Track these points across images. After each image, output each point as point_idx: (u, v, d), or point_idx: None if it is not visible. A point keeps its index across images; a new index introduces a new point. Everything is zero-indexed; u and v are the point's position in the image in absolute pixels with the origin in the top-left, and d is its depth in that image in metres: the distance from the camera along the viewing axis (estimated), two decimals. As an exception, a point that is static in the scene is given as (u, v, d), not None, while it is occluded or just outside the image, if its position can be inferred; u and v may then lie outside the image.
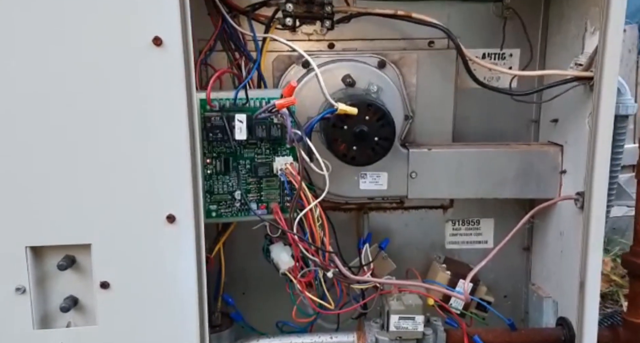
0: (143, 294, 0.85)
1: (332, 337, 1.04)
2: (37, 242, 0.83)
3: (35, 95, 0.79)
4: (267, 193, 0.97)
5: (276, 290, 1.12)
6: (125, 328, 0.86)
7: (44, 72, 0.78)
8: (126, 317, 0.86)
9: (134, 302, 0.86)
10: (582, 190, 0.95)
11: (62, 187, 0.82)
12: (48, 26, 0.77)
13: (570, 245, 1.01)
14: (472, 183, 1.06)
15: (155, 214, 0.83)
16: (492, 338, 1.03)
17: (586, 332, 0.95)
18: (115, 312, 0.85)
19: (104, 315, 0.85)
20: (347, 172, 1.04)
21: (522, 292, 1.22)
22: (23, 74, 0.78)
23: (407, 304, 0.99)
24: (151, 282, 0.85)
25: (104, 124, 0.81)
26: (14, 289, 0.82)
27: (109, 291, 0.85)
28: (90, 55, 0.78)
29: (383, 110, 0.91)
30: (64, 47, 0.78)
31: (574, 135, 1.01)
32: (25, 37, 0.77)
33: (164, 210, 0.84)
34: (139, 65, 0.79)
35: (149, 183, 0.83)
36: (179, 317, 0.86)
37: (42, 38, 0.77)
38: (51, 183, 0.81)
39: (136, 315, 0.86)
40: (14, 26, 0.77)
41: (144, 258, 0.85)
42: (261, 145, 0.95)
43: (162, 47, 0.78)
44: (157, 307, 0.86)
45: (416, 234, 1.21)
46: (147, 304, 0.86)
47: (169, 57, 0.79)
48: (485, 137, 1.13)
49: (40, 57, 0.78)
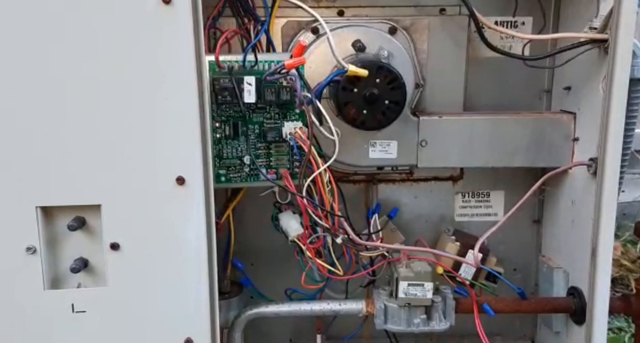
0: (153, 256, 0.86)
1: (340, 304, 1.04)
2: (47, 202, 0.83)
3: (46, 58, 0.79)
4: (276, 159, 0.97)
5: (285, 261, 1.13)
6: (135, 290, 0.86)
7: (54, 35, 0.78)
8: (136, 278, 0.86)
9: (144, 264, 0.86)
10: (595, 156, 0.94)
11: (72, 147, 0.82)
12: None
13: (582, 214, 1.00)
14: (483, 152, 1.04)
15: (164, 176, 0.83)
16: (502, 307, 1.02)
17: (597, 300, 0.93)
18: (125, 273, 0.86)
19: (114, 276, 0.86)
20: (357, 140, 1.03)
21: (532, 265, 1.21)
22: (34, 36, 0.78)
23: (416, 271, 0.98)
24: (161, 245, 0.85)
25: (114, 85, 0.80)
26: (25, 249, 0.83)
27: (119, 252, 0.85)
28: (100, 13, 0.78)
29: (394, 73, 0.90)
30: (72, 9, 0.77)
31: (587, 102, 0.99)
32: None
33: (174, 172, 0.83)
34: (148, 24, 0.78)
35: (158, 145, 0.83)
36: (188, 280, 0.86)
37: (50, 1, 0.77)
38: (61, 144, 0.81)
39: (146, 277, 0.86)
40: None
41: (154, 220, 0.85)
42: (270, 110, 0.94)
43: (171, 5, 0.78)
44: (166, 269, 0.86)
45: (425, 206, 1.20)
46: (157, 266, 0.86)
47: (178, 16, 0.78)
48: (496, 107, 1.12)
49: (50, 21, 0.78)
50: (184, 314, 0.87)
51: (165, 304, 0.87)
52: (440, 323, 1.01)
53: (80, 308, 0.86)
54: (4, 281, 0.84)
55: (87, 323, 0.86)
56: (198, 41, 0.80)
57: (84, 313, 0.86)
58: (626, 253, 2.35)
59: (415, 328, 1.00)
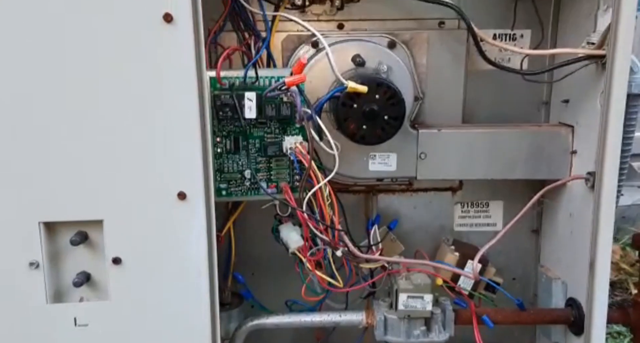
0: (155, 270, 0.86)
1: (340, 316, 1.04)
2: (50, 218, 0.84)
3: (50, 75, 0.80)
4: (276, 173, 0.98)
5: (285, 271, 1.13)
6: (137, 304, 0.87)
7: (57, 53, 0.79)
8: (138, 292, 0.87)
9: (146, 278, 0.86)
10: (593, 170, 0.94)
11: (74, 164, 0.83)
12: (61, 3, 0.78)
13: (580, 226, 1.01)
14: (482, 164, 1.05)
15: (166, 191, 0.84)
16: (501, 318, 1.03)
17: (596, 312, 0.94)
18: (127, 287, 0.87)
19: (116, 290, 0.87)
20: (357, 153, 1.04)
21: (531, 274, 1.22)
22: (36, 46, 0.79)
23: (416, 283, 0.99)
24: (163, 259, 0.86)
25: (116, 101, 0.81)
26: (28, 264, 0.84)
27: (121, 267, 0.86)
28: (102, 31, 0.79)
29: (393, 89, 0.91)
30: (76, 25, 0.78)
31: (585, 115, 1.00)
32: (41, 12, 0.78)
33: (175, 187, 0.84)
34: (150, 42, 0.79)
35: (159, 160, 0.83)
36: (190, 293, 0.87)
37: (56, 16, 0.78)
38: (64, 160, 0.82)
39: (148, 291, 0.87)
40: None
41: (156, 235, 0.85)
42: (271, 125, 0.95)
43: (173, 24, 0.78)
44: (168, 283, 0.87)
45: (425, 217, 1.21)
46: (159, 280, 0.87)
47: (180, 34, 0.79)
48: (495, 120, 1.13)
49: (51, 41, 0.79)
50: (186, 327, 0.88)
51: (167, 317, 0.88)
52: (440, 335, 1.01)
53: (82, 322, 0.86)
54: (7, 295, 0.85)
55: (90, 336, 0.87)
56: (199, 58, 0.81)
57: (87, 327, 0.86)
58: (625, 256, 2.36)
59: (415, 340, 1.01)
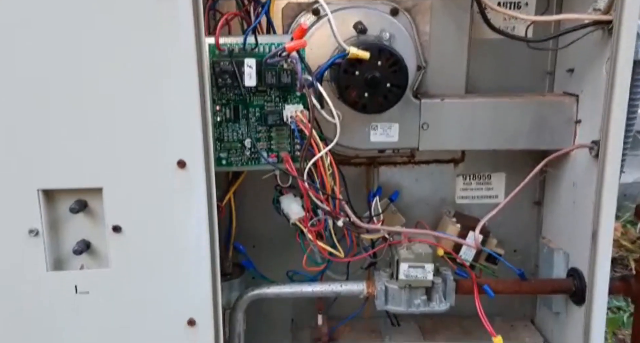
0: (155, 239, 0.86)
1: (342, 285, 1.05)
2: (49, 186, 0.84)
3: (47, 40, 0.78)
4: (277, 143, 0.97)
5: (286, 244, 1.13)
6: (137, 271, 0.87)
7: (55, 17, 0.78)
8: (138, 260, 0.87)
9: (146, 246, 0.86)
10: (597, 139, 0.93)
11: (73, 131, 0.82)
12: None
13: (583, 196, 1.00)
14: (485, 134, 1.04)
15: (165, 159, 0.84)
16: (502, 288, 1.03)
17: (597, 282, 0.94)
18: (127, 255, 0.86)
19: (117, 258, 0.87)
20: (358, 124, 1.03)
21: (532, 247, 1.21)
22: (34, 14, 0.77)
23: (417, 253, 0.99)
24: (163, 227, 0.86)
25: (115, 68, 0.80)
26: (28, 231, 0.83)
27: (121, 235, 0.86)
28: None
29: (396, 56, 0.89)
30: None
31: (590, 83, 0.98)
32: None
33: (175, 156, 0.83)
34: (149, 8, 0.78)
35: (159, 128, 0.83)
36: (191, 262, 0.87)
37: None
38: (62, 127, 0.81)
39: (148, 259, 0.87)
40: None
41: (156, 203, 0.85)
42: (271, 93, 0.94)
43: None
44: (169, 251, 0.87)
45: (426, 189, 1.20)
46: (159, 248, 0.86)
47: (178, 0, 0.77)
48: (499, 90, 1.11)
49: (52, 3, 0.77)
50: (187, 295, 0.88)
51: (168, 285, 0.88)
52: (441, 304, 1.02)
53: (83, 289, 0.87)
54: (7, 263, 0.85)
55: (90, 304, 0.87)
56: (198, 24, 0.79)
57: (87, 295, 0.87)
58: (626, 233, 2.37)
59: (416, 309, 1.01)
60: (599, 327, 0.97)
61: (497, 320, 1.21)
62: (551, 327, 1.16)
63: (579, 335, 1.01)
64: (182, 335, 0.89)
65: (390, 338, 1.19)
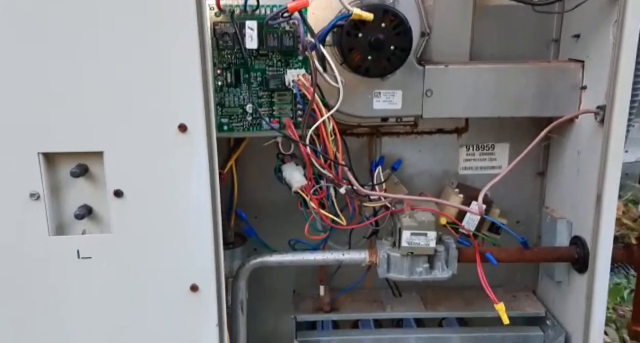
0: (157, 204, 0.85)
1: (344, 254, 1.04)
2: (49, 149, 0.82)
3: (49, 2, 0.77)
4: (279, 108, 0.96)
5: (288, 213, 1.13)
6: (139, 237, 0.86)
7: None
8: (140, 225, 0.86)
9: (148, 211, 0.85)
10: (603, 104, 0.92)
11: (73, 94, 0.80)
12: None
13: (587, 164, 0.99)
14: (489, 102, 1.03)
15: (166, 123, 0.82)
16: (505, 256, 1.03)
17: (601, 247, 0.94)
18: (129, 220, 0.86)
19: (119, 223, 0.86)
20: (361, 91, 1.01)
21: (535, 217, 1.21)
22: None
23: (420, 220, 0.99)
24: (165, 192, 0.85)
25: (114, 30, 0.78)
26: (29, 195, 0.83)
27: (122, 200, 0.85)
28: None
29: (400, 17, 0.88)
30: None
31: (596, 49, 0.97)
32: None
33: (176, 119, 0.82)
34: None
35: (159, 91, 0.81)
36: (192, 226, 0.86)
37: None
38: (62, 89, 0.80)
39: (150, 224, 0.86)
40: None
41: (157, 168, 0.84)
42: (272, 57, 0.92)
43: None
44: (171, 216, 0.86)
45: (429, 160, 1.19)
46: (161, 214, 0.86)
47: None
48: (503, 57, 1.09)
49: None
50: (189, 261, 0.87)
51: (170, 251, 0.87)
52: (443, 272, 1.01)
53: (85, 254, 0.86)
54: (9, 227, 0.84)
55: (93, 269, 0.87)
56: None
57: (90, 259, 0.86)
58: (627, 212, 2.36)
59: (418, 277, 1.01)
60: (601, 294, 0.97)
61: (499, 291, 1.21)
62: (553, 297, 1.16)
63: (581, 303, 1.01)
64: (185, 300, 0.89)
65: (391, 308, 1.19)
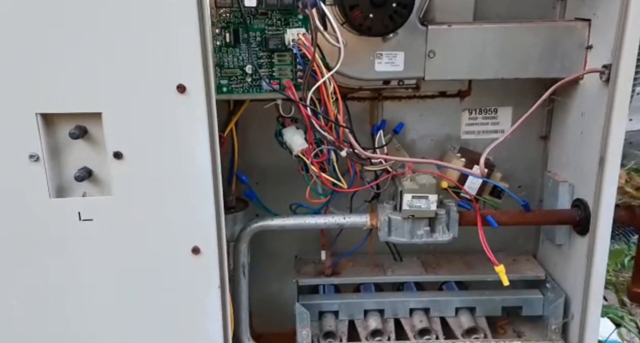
0: (157, 165, 0.85)
1: (345, 218, 1.04)
2: (47, 109, 0.82)
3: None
4: (279, 69, 0.94)
5: (289, 177, 1.12)
6: (140, 199, 0.86)
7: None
8: (141, 187, 0.86)
9: (148, 173, 0.85)
10: (608, 63, 0.91)
11: (70, 54, 0.79)
12: None
13: (591, 126, 0.98)
14: (494, 63, 1.01)
15: (165, 82, 0.81)
16: (506, 219, 1.03)
17: (603, 208, 0.94)
18: (130, 182, 0.85)
19: (119, 185, 0.86)
20: (363, 52, 0.99)
21: (537, 182, 1.20)
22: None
23: (421, 183, 0.98)
24: (164, 154, 0.85)
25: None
26: (28, 156, 0.82)
27: (122, 161, 0.84)
28: None
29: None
30: None
31: (603, 6, 0.94)
32: None
33: (175, 79, 0.81)
34: None
35: (157, 51, 0.80)
36: (193, 188, 0.86)
37: None
38: (60, 49, 0.79)
39: (151, 186, 0.86)
40: None
41: (156, 129, 0.83)
42: (272, 16, 0.90)
43: None
44: (171, 179, 0.86)
45: (431, 125, 1.18)
46: (162, 176, 0.85)
47: None
48: (508, 18, 1.06)
49: None
50: (191, 223, 0.88)
51: (171, 213, 0.87)
52: (444, 235, 1.01)
53: (86, 216, 0.86)
54: (8, 189, 0.84)
55: (95, 231, 0.87)
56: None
57: (91, 221, 0.86)
58: (630, 181, 2.35)
59: (419, 240, 1.01)
60: (602, 256, 0.97)
61: (500, 255, 1.19)
62: (554, 261, 1.16)
63: (581, 266, 1.01)
64: (187, 262, 0.89)
65: (392, 272, 1.20)
